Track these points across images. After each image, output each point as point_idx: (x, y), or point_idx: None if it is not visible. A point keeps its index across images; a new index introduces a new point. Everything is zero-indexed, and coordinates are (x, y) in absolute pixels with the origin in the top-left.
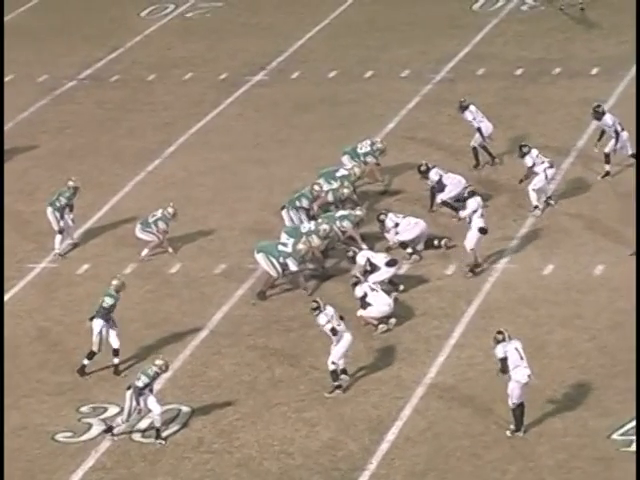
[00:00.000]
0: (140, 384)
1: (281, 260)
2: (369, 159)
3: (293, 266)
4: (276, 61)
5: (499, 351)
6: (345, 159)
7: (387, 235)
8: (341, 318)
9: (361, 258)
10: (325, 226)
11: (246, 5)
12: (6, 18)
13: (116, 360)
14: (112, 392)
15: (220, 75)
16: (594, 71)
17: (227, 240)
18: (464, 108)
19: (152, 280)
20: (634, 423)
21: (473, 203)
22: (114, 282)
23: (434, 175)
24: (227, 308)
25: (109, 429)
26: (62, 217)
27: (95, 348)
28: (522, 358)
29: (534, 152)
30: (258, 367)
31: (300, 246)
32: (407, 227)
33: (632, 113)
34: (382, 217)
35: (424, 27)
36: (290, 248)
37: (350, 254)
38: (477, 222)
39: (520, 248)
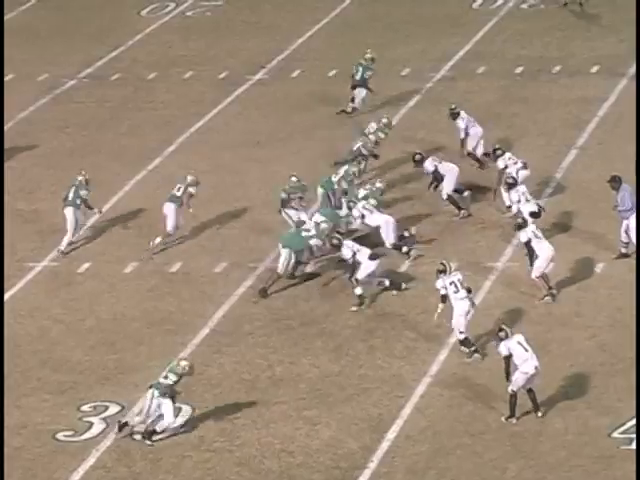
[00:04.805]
0: (169, 382)
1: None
2: (380, 134)
3: (316, 241)
4: (276, 60)
5: (503, 349)
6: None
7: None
8: (469, 291)
9: (346, 250)
10: (355, 212)
11: (246, 4)
12: (6, 17)
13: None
14: (113, 391)
15: (220, 74)
16: (594, 69)
17: (227, 239)
18: (455, 115)
19: (153, 279)
20: (634, 421)
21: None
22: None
23: (429, 165)
24: (227, 307)
25: (123, 425)
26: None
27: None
28: (527, 350)
29: (507, 155)
30: (259, 366)
31: (324, 225)
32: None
33: (631, 111)
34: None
35: (424, 26)
36: (314, 231)
37: (334, 242)
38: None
39: (520, 247)
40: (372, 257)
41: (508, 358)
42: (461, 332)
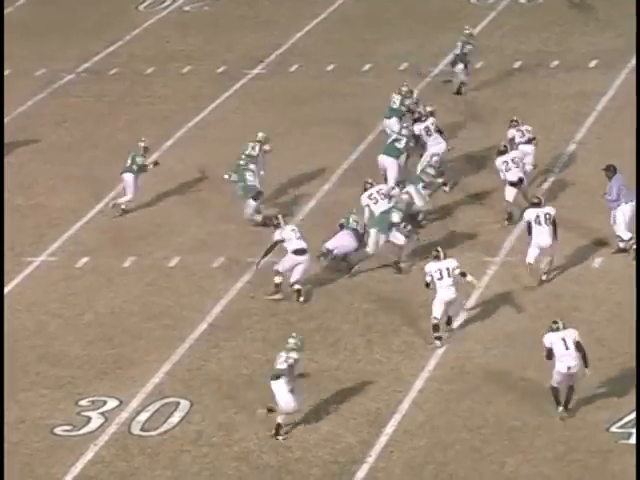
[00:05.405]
0: (290, 362)
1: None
2: (408, 102)
3: (396, 218)
4: (274, 54)
5: (546, 340)
6: (393, 122)
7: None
8: (463, 275)
9: (278, 234)
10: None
11: None
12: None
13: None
14: (111, 386)
15: (218, 68)
16: (592, 64)
17: (226, 233)
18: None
19: (151, 273)
20: (633, 415)
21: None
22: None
23: (416, 129)
24: (226, 301)
25: (277, 428)
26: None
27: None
28: (567, 348)
29: (523, 127)
30: (257, 360)
31: (404, 196)
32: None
33: (629, 106)
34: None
35: (422, 20)
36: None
37: (275, 222)
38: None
39: (518, 241)
40: (297, 252)
41: (549, 351)
42: (435, 318)
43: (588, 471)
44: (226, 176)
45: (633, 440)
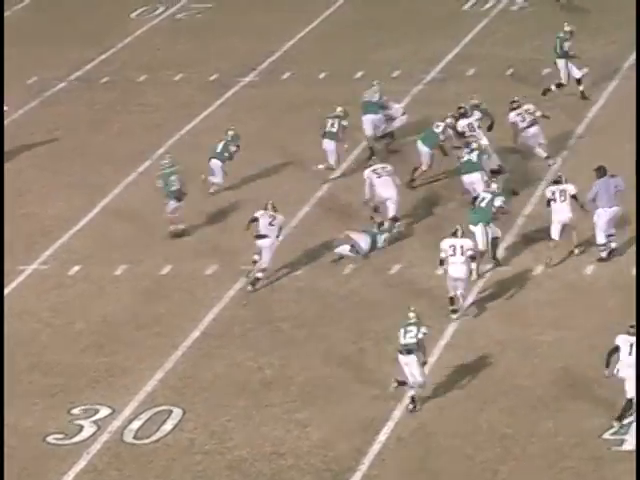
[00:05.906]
0: (417, 339)
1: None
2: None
3: (499, 202)
4: (266, 62)
5: (618, 339)
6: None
7: None
8: (472, 258)
9: (260, 214)
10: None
11: (236, 6)
12: None
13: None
14: (103, 394)
15: (210, 76)
16: (583, 71)
17: (218, 241)
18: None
19: (143, 281)
20: (626, 422)
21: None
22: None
23: (460, 126)
24: (218, 309)
25: (413, 404)
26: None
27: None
28: (630, 355)
29: (523, 108)
30: (249, 368)
31: (494, 185)
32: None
33: (620, 114)
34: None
35: (414, 27)
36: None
37: (266, 205)
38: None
39: (511, 248)
40: (257, 236)
41: (614, 349)
42: (450, 296)
43: (581, 478)
44: (203, 176)
45: (626, 447)
